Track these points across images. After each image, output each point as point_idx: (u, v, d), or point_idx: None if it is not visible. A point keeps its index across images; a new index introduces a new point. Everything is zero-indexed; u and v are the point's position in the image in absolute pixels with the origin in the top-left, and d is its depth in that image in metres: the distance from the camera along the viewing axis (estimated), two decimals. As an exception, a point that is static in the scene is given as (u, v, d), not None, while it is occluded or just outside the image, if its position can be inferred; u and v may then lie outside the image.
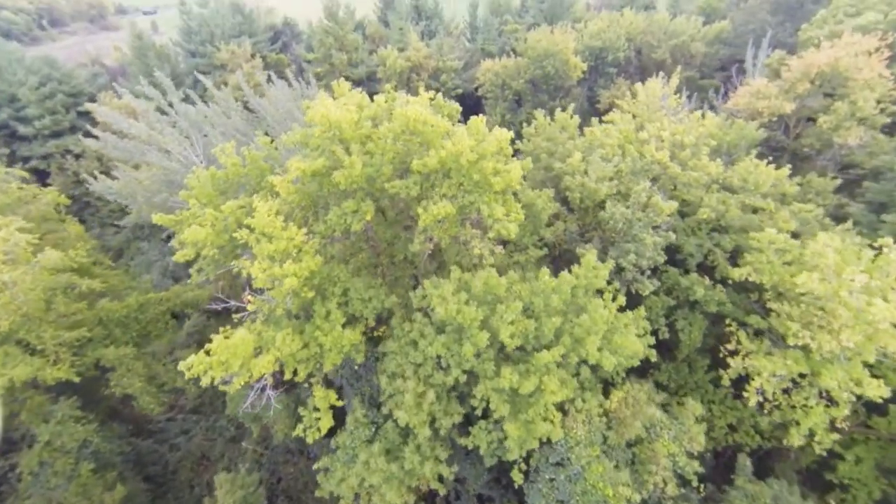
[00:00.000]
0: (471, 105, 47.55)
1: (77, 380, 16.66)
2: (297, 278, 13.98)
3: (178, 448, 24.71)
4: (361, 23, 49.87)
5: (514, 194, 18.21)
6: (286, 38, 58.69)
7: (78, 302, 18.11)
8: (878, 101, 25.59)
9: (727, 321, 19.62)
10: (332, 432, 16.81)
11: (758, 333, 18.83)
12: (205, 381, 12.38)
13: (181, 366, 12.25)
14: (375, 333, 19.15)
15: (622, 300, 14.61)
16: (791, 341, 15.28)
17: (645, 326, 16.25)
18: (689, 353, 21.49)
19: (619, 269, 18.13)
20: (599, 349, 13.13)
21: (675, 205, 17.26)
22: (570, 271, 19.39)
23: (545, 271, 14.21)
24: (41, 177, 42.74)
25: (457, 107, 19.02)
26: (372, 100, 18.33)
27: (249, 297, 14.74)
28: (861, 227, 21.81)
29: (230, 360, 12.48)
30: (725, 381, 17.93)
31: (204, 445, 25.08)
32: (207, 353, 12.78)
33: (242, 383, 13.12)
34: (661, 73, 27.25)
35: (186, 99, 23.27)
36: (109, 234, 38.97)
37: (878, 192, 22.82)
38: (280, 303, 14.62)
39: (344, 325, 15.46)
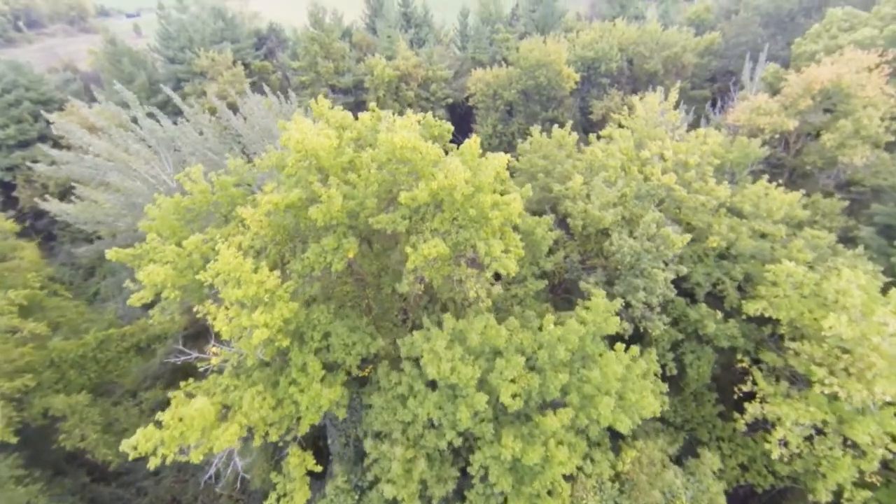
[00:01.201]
0: (461, 115, 45.88)
1: (14, 441, 14.35)
2: (268, 329, 12.00)
3: (145, 492, 22.32)
4: (349, 30, 47.80)
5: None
6: (271, 44, 56.30)
7: (22, 346, 15.79)
8: (882, 119, 24.55)
9: (738, 355, 18.17)
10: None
11: (772, 370, 17.39)
12: (154, 463, 10.28)
13: (124, 446, 10.14)
14: (361, 374, 17.21)
15: (636, 351, 12.92)
16: (817, 389, 13.78)
17: (656, 370, 14.60)
18: (697, 388, 19.99)
19: (626, 305, 16.50)
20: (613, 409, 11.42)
21: (687, 237, 15.68)
22: (573, 305, 17.62)
23: (549, 318, 12.43)
24: (7, 189, 39.76)
25: (448, 126, 17.20)
26: (356, 117, 16.46)
27: (214, 349, 12.67)
28: (871, 251, 20.57)
29: (186, 432, 10.43)
30: (740, 426, 16.41)
31: (174, 489, 22.72)
32: (159, 424, 10.68)
33: (202, 456, 11.08)
34: (660, 87, 25.82)
35: (153, 115, 20.98)
36: (81, 250, 36.12)
37: (887, 215, 21.63)
38: (250, 353, 12.60)
39: (324, 376, 13.48)
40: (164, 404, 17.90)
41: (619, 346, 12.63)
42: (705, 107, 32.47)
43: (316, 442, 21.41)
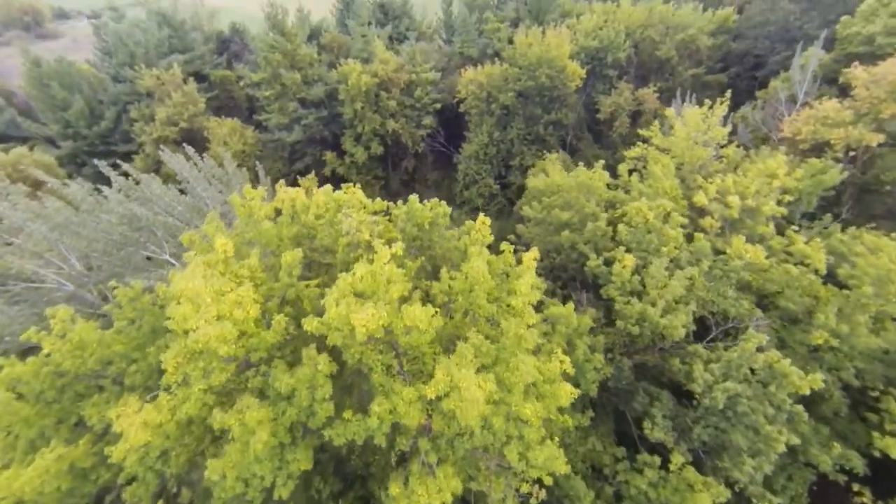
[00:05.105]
0: (450, 118, 39.24)
1: None
2: None
3: None
4: (318, 29, 40.40)
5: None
6: (236, 46, 48.62)
7: None
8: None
9: (855, 486, 13.13)
10: None
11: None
12: None
13: None
14: None
15: None
16: None
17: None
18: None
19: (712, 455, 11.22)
20: None
21: (819, 381, 10.17)
22: (621, 416, 12.51)
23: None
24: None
25: (444, 209, 11.36)
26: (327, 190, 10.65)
27: None
28: None
29: None
30: None
31: None
32: None
33: None
34: (707, 101, 19.69)
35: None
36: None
37: None
38: None
39: None
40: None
41: None
42: (748, 112, 26.17)
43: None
